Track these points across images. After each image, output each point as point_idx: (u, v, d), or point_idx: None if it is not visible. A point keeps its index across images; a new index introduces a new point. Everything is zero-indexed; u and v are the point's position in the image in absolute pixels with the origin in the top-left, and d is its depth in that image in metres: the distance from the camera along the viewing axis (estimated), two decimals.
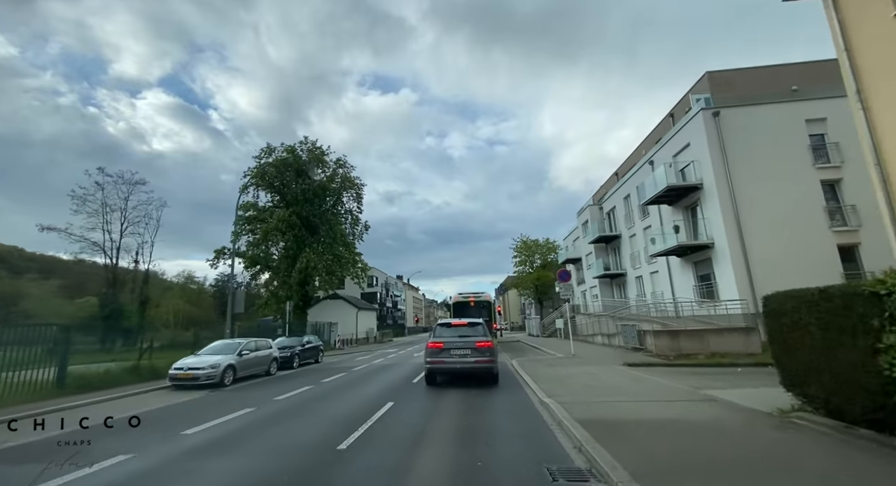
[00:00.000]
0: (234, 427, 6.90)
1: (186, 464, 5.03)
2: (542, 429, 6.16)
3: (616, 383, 9.40)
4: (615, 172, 34.72)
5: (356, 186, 40.79)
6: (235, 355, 13.25)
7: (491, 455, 4.99)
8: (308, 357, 19.07)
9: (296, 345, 18.29)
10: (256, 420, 7.38)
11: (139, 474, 4.74)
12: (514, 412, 7.44)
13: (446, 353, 10.23)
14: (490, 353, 10.19)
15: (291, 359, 17.29)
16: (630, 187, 26.72)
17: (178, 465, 5.02)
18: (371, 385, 11.35)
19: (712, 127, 17.95)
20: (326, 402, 9.02)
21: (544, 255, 60.45)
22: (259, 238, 36.23)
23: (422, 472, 4.48)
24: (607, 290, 31.61)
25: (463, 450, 5.20)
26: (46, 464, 4.66)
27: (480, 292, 23.04)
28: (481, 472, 4.45)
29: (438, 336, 10.90)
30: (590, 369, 11.98)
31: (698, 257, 19.30)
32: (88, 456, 5.08)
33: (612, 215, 30.54)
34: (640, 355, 14.64)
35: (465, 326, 11.19)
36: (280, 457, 5.14)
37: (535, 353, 20.35)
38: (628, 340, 16.57)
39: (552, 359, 15.62)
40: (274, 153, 38.35)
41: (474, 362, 10.05)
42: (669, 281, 22.07)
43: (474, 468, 4.54)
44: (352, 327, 39.63)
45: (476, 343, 10.21)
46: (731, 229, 17.01)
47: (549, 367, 13.14)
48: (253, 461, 5.08)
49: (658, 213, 22.70)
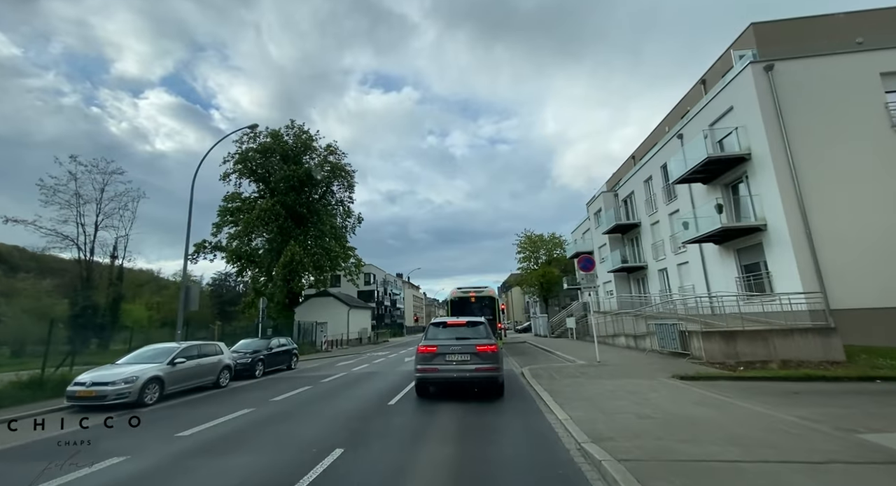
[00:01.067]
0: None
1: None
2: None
3: (686, 412, 6.28)
4: (632, 156, 31.49)
5: (347, 174, 37.65)
6: (165, 364, 10.19)
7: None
8: (278, 363, 16.03)
9: (261, 349, 15.23)
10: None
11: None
12: (537, 469, 4.34)
13: (440, 358, 8.43)
14: (494, 359, 8.39)
15: (253, 366, 14.24)
16: (652, 168, 23.55)
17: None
18: (330, 409, 8.25)
19: (764, 84, 14.77)
20: (250, 443, 5.94)
21: (549, 250, 57.23)
22: (241, 230, 33.21)
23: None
24: (624, 285, 28.42)
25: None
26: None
27: (482, 287, 19.89)
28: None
29: (431, 338, 9.01)
30: (630, 385, 8.86)
31: (743, 242, 16.13)
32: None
33: (630, 202, 27.35)
34: (686, 363, 11.50)
35: (464, 326, 9.30)
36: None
37: (547, 357, 17.23)
38: (665, 342, 13.43)
39: (573, 367, 12.50)
40: (258, 138, 35.31)
41: (475, 369, 8.25)
42: (703, 273, 18.89)
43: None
44: (343, 326, 36.53)
45: (477, 347, 8.43)
46: (791, 207, 13.84)
47: (573, 379, 10.04)
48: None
49: (689, 194, 19.53)
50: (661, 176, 22.63)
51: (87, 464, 4.84)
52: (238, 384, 12.58)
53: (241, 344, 15.71)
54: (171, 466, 4.94)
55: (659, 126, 27.32)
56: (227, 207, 35.45)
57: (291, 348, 17.17)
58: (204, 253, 34.69)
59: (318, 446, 5.41)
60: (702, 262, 19.01)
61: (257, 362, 14.50)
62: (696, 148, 16.99)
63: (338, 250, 34.90)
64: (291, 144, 35.43)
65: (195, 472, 4.72)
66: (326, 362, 19.49)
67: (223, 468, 4.82)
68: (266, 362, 14.98)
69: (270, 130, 35.32)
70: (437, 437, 5.85)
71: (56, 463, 4.68)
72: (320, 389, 10.93)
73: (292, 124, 36.27)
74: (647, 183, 24.79)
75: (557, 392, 8.41)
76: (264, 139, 34.78)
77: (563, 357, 15.97)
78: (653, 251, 24.41)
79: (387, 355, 23.02)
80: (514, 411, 7.40)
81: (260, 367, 14.56)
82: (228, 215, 34.73)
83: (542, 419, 6.63)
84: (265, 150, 34.42)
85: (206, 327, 31.36)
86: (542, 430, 6.01)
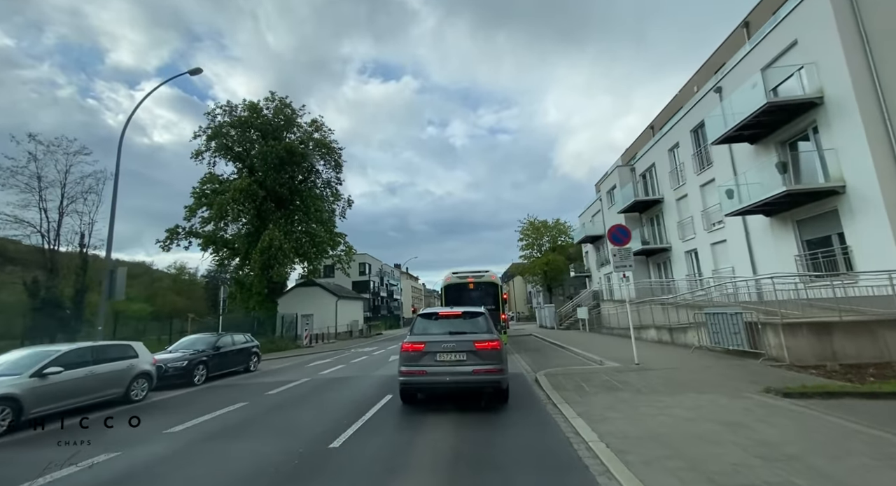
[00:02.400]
0: None
1: None
2: None
3: (873, 483, 3.15)
4: (650, 126, 28.10)
5: (334, 152, 34.28)
6: (28, 377, 7.10)
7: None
8: (230, 365, 12.98)
9: (205, 349, 12.13)
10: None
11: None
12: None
13: (429, 358, 6.86)
14: (497, 358, 6.84)
15: (190, 371, 11.16)
16: (679, 133, 20.25)
17: None
18: (228, 460, 5.10)
19: (844, 7, 11.45)
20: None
21: (554, 237, 54.04)
22: (214, 213, 29.96)
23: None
24: (642, 270, 25.26)
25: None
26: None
27: (482, 271, 16.75)
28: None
29: (419, 333, 7.36)
30: (709, 405, 5.78)
31: (807, 212, 12.94)
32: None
33: (651, 175, 24.07)
34: (762, 367, 8.41)
35: (460, 317, 7.59)
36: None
37: (563, 355, 14.17)
38: (722, 337, 10.28)
39: (605, 372, 9.42)
40: (235, 111, 31.87)
41: (472, 372, 6.69)
42: (748, 252, 15.74)
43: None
44: (331, 318, 33.49)
45: (475, 343, 6.86)
46: (884, 162, 10.63)
47: (614, 394, 6.95)
48: None
49: (729, 157, 16.30)
50: (690, 141, 19.36)
51: None
52: (161, 397, 9.52)
53: (183, 342, 12.63)
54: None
55: (685, 87, 23.92)
56: (202, 189, 32.21)
57: (250, 347, 14.07)
58: (177, 239, 31.49)
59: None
60: (746, 239, 15.85)
61: (197, 365, 11.41)
62: (742, 100, 13.73)
63: (323, 236, 31.71)
64: (271, 118, 32.02)
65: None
66: (297, 362, 16.44)
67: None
68: (211, 365, 11.90)
69: (248, 102, 31.86)
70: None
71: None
72: (251, 411, 7.79)
73: (272, 96, 32.73)
74: (671, 152, 21.51)
75: (600, 420, 5.33)
76: (241, 113, 31.38)
77: (584, 356, 12.88)
78: (678, 230, 21.23)
79: (372, 351, 19.96)
80: (533, 458, 4.30)
81: (201, 371, 11.48)
82: (203, 198, 31.52)
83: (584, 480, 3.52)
84: (242, 124, 31.03)
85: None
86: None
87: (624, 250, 10.01)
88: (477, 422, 5.98)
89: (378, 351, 19.75)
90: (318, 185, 35.35)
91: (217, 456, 5.10)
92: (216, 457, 5.07)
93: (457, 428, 5.68)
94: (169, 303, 57.46)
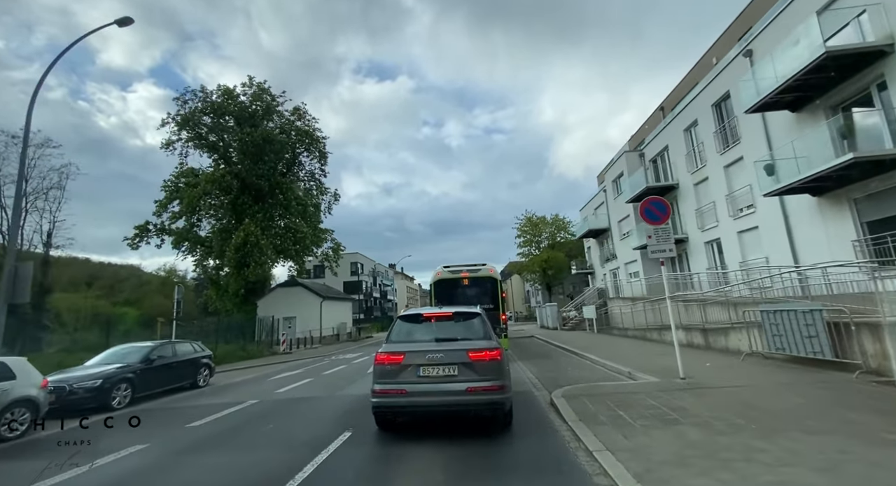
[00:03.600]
0: None
1: None
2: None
3: None
4: (660, 107, 25.86)
5: (317, 142, 31.82)
6: None
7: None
8: (171, 380, 10.58)
9: (133, 363, 9.70)
10: None
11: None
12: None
13: (411, 373, 5.19)
14: (497, 371, 5.20)
15: (107, 392, 8.73)
16: (698, 109, 18.02)
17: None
18: None
19: None
20: None
21: (553, 234, 51.83)
22: (184, 207, 27.44)
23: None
24: (653, 264, 22.98)
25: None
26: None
27: (478, 265, 14.40)
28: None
29: (398, 341, 5.73)
30: (846, 458, 3.51)
31: (870, 187, 10.71)
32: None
33: (663, 160, 21.84)
34: (864, 383, 6.13)
35: (450, 320, 5.98)
36: None
37: (577, 363, 11.86)
38: (789, 341, 7.96)
39: (643, 390, 7.11)
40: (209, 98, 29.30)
41: (466, 390, 5.05)
42: (788, 239, 13.52)
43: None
44: (315, 321, 31.02)
45: (470, 353, 5.21)
46: None
47: (675, 433, 4.64)
48: None
49: (763, 130, 14.09)
50: (712, 117, 17.12)
51: None
52: (50, 432, 7.10)
53: (108, 355, 10.19)
54: None
55: (703, 60, 21.71)
56: (175, 182, 29.66)
57: (199, 357, 11.63)
58: (147, 237, 28.90)
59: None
60: (784, 224, 13.62)
61: (118, 383, 8.98)
62: (785, 58, 11.52)
63: (305, 231, 29.22)
64: (248, 105, 29.50)
65: None
66: (262, 374, 14.01)
67: None
68: (140, 383, 9.47)
69: (223, 87, 29.31)
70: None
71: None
72: (143, 459, 5.34)
73: (250, 82, 30.12)
74: (688, 132, 19.29)
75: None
76: (215, 98, 28.84)
77: (605, 365, 10.55)
78: (697, 219, 19.00)
79: (353, 359, 17.55)
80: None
81: (123, 392, 9.05)
82: (176, 192, 28.97)
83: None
84: (215, 110, 28.49)
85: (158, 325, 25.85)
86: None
87: (661, 230, 7.69)
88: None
89: (360, 358, 17.34)
90: (301, 177, 32.91)
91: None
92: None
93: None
94: (157, 306, 54.94)
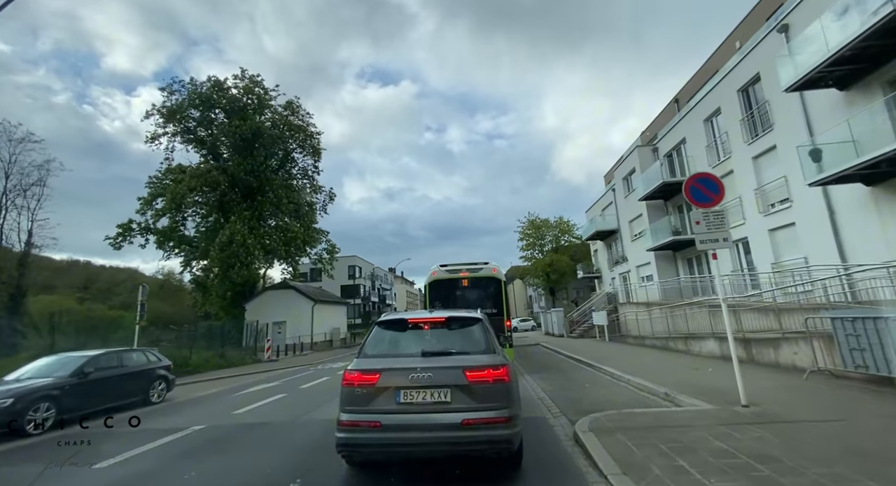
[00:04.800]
0: None
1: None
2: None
3: None
4: (674, 99, 24.26)
5: (310, 136, 30.30)
6: None
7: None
8: (115, 397, 8.89)
9: (60, 376, 8.03)
10: None
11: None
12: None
13: (387, 399, 3.84)
14: (504, 397, 3.82)
15: (20, 414, 7.06)
16: (721, 96, 16.43)
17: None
18: None
19: None
20: None
21: (556, 237, 50.17)
22: (166, 204, 25.88)
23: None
24: (668, 267, 21.38)
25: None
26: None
27: (480, 264, 12.69)
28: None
29: (374, 354, 4.27)
30: None
31: None
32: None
33: (680, 154, 20.22)
34: None
35: (442, 326, 4.40)
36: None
37: (595, 378, 10.12)
38: (871, 357, 6.26)
39: (698, 422, 5.46)
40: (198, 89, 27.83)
41: (461, 423, 3.63)
42: (833, 235, 11.85)
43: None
44: (307, 326, 29.29)
45: (467, 372, 3.84)
46: None
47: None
48: None
49: (802, 113, 12.49)
50: (738, 103, 15.53)
51: None
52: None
53: (32, 368, 8.50)
54: None
55: (724, 46, 20.13)
56: (160, 179, 28.11)
57: (153, 369, 9.93)
58: (131, 236, 27.32)
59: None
60: (829, 218, 11.96)
61: (36, 402, 7.31)
62: (832, 28, 10.00)
63: (296, 231, 27.60)
64: (239, 98, 28.04)
65: None
66: (234, 385, 12.30)
67: None
68: (67, 401, 7.79)
69: (213, 79, 27.85)
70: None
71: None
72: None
73: (242, 74, 28.66)
74: (709, 122, 17.70)
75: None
76: (204, 90, 27.38)
77: (633, 382, 8.81)
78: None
79: (339, 369, 15.82)
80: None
81: (45, 412, 7.37)
82: (160, 189, 27.44)
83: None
84: (203, 103, 27.02)
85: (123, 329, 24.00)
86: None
87: (713, 214, 6.09)
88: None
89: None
90: (293, 175, 31.38)
91: None
92: None
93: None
94: (153, 310, 53.45)
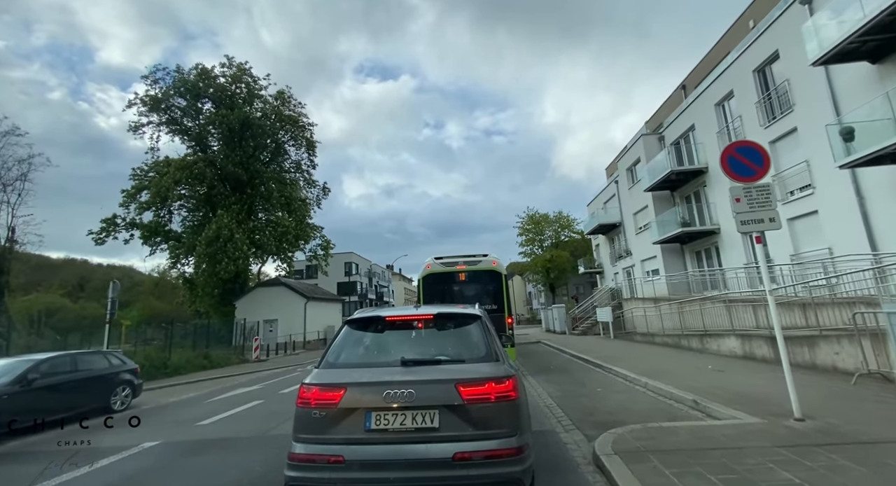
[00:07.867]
0: None
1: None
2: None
3: None
4: (681, 86, 23.21)
5: (303, 129, 29.20)
6: None
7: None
8: (69, 405, 7.84)
9: (4, 381, 7.01)
10: None
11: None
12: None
13: (354, 423, 2.62)
14: (512, 420, 2.61)
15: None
16: (734, 78, 15.44)
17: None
18: None
19: None
20: None
21: (556, 233, 49.30)
22: (151, 198, 24.79)
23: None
24: (675, 261, 20.42)
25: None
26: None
27: (478, 256, 11.69)
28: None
29: (340, 364, 3.03)
30: None
31: None
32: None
33: (688, 142, 19.23)
34: None
35: (430, 325, 3.16)
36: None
37: (609, 382, 9.11)
38: None
39: (746, 442, 4.47)
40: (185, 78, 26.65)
41: (453, 458, 2.41)
42: (863, 223, 10.91)
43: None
44: (299, 323, 28.29)
45: (460, 387, 2.60)
46: None
47: None
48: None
49: (828, 90, 11.52)
50: (754, 85, 14.54)
51: None
52: None
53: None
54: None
55: (735, 26, 19.10)
56: (144, 171, 26.98)
57: (116, 373, 8.90)
58: (115, 231, 26.20)
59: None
60: (859, 205, 11.01)
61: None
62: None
63: (287, 225, 26.54)
64: (227, 86, 26.89)
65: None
66: (210, 390, 11.28)
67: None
68: (6, 413, 6.77)
69: (200, 67, 26.67)
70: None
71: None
72: None
73: (229, 62, 27.49)
74: (720, 106, 16.70)
75: None
76: (188, 77, 26.21)
77: (648, 385, 7.82)
78: None
79: None
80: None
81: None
82: (144, 181, 26.32)
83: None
84: (189, 91, 25.87)
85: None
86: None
87: (757, 190, 5.04)
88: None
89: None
90: (286, 168, 30.28)
91: None
92: None
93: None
94: (149, 308, 52.45)
